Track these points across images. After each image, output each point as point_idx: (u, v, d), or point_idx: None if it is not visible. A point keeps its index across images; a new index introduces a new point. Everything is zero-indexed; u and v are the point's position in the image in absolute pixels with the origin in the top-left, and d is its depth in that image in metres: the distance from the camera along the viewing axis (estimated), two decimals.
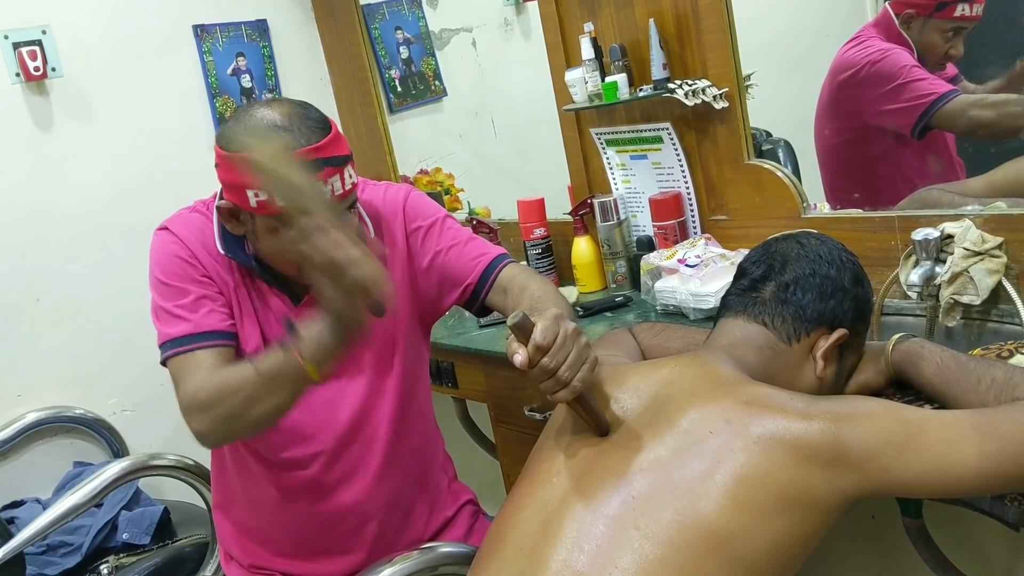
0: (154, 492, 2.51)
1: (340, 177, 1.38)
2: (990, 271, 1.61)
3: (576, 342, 1.15)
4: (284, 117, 1.36)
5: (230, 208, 1.42)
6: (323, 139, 1.36)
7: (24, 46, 2.43)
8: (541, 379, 1.13)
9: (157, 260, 1.49)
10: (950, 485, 1.07)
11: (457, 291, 1.59)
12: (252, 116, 1.38)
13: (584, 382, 1.13)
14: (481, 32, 2.83)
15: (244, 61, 2.86)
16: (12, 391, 2.50)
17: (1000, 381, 1.16)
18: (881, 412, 1.10)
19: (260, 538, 1.62)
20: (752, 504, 1.06)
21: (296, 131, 1.35)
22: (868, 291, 1.31)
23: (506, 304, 1.53)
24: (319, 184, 1.32)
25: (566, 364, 1.12)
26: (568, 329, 1.14)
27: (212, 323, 1.44)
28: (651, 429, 1.15)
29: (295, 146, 1.33)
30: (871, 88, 1.99)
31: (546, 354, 1.11)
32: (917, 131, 1.92)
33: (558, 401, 1.15)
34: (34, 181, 2.50)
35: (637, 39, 2.12)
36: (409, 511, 1.64)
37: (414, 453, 1.64)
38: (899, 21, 1.94)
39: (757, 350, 1.24)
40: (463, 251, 1.59)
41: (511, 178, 2.85)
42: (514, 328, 1.13)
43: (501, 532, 1.18)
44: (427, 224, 1.60)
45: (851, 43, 2.03)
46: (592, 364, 1.15)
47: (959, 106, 1.88)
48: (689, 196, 2.16)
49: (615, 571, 1.03)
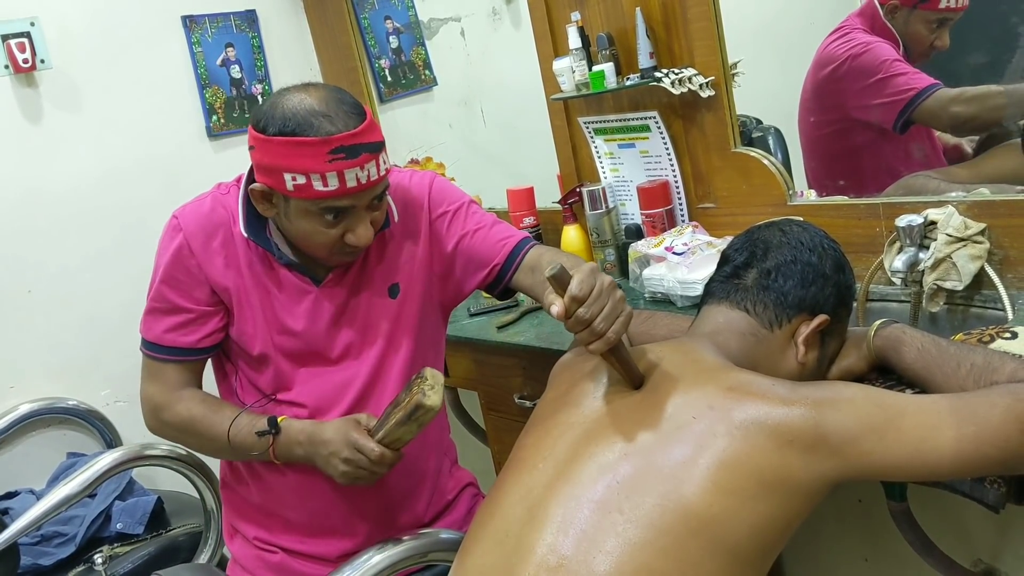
0: (147, 482, 2.52)
1: (376, 163, 1.41)
2: (973, 257, 1.62)
3: (612, 295, 1.17)
4: (321, 102, 1.38)
5: (263, 191, 1.44)
6: (360, 125, 1.39)
7: (13, 38, 2.42)
8: (576, 329, 1.15)
9: (161, 254, 1.55)
10: (930, 468, 1.09)
11: (483, 272, 1.62)
12: (289, 100, 1.39)
13: (618, 334, 1.16)
14: (470, 21, 2.83)
15: (233, 51, 2.86)
16: (5, 383, 2.50)
17: (979, 365, 1.17)
18: (861, 397, 1.11)
19: (265, 512, 1.64)
20: (734, 488, 1.07)
21: (334, 116, 1.37)
22: (849, 278, 1.33)
23: (534, 283, 1.56)
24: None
25: (601, 316, 1.14)
26: (604, 282, 1.17)
27: (182, 340, 1.55)
28: (637, 415, 1.16)
29: (332, 131, 1.36)
30: (853, 82, 1.99)
31: (582, 305, 1.13)
32: (899, 126, 1.93)
33: (593, 352, 1.16)
34: (24, 173, 2.50)
35: (624, 28, 2.12)
36: (409, 493, 1.65)
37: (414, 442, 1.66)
38: (884, 11, 1.94)
39: (740, 336, 1.25)
40: (489, 234, 1.62)
41: (501, 167, 2.86)
42: (552, 279, 1.14)
43: (487, 518, 1.19)
44: (453, 209, 1.63)
45: (834, 35, 2.02)
46: (627, 317, 1.18)
47: (939, 101, 1.88)
48: (676, 184, 2.17)
49: (599, 555, 1.05)
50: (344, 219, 1.43)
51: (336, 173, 1.36)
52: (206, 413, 1.54)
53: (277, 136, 1.37)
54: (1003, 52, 1.79)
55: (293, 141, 1.36)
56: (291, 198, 1.41)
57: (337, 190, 1.38)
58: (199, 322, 1.54)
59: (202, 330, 1.55)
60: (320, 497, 1.59)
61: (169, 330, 1.54)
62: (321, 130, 1.36)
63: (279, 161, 1.37)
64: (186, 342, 1.55)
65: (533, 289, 1.57)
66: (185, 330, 1.54)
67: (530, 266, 1.58)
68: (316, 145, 1.35)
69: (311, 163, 1.36)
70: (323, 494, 1.59)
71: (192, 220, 1.53)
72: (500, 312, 2.20)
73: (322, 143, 1.35)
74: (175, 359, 1.56)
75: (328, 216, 1.41)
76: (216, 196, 1.57)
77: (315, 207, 1.40)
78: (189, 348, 1.55)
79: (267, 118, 1.39)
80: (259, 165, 1.42)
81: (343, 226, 1.44)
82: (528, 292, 1.61)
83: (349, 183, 1.37)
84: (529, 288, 1.59)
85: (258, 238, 1.52)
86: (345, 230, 1.44)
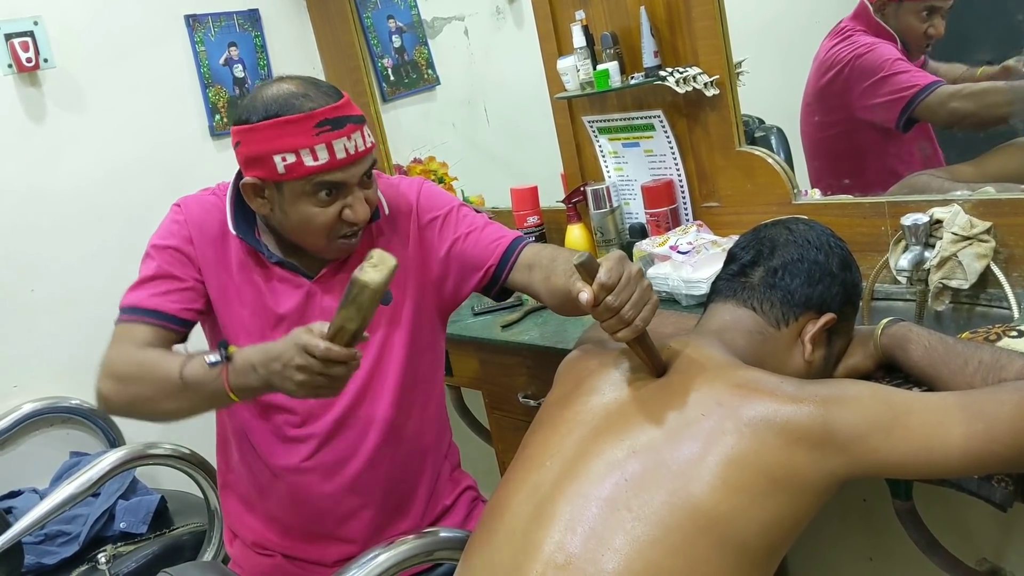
0: (150, 481, 2.52)
1: (361, 134, 1.45)
2: (978, 255, 1.62)
3: (639, 283, 1.17)
4: (299, 86, 1.43)
5: (254, 184, 1.45)
6: (340, 100, 1.44)
7: (16, 37, 2.42)
8: (604, 317, 1.16)
9: (158, 230, 1.57)
10: (937, 466, 1.09)
11: (478, 274, 1.61)
12: (268, 90, 1.44)
13: (646, 321, 1.16)
14: (473, 20, 2.82)
15: (236, 51, 2.86)
16: (8, 382, 2.50)
17: (987, 363, 1.17)
18: (868, 395, 1.11)
19: (262, 516, 1.64)
20: (743, 485, 1.07)
21: (314, 95, 1.42)
22: (856, 276, 1.32)
23: (531, 280, 1.55)
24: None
25: (629, 303, 1.15)
26: (632, 270, 1.17)
27: (164, 304, 1.50)
28: (644, 412, 1.16)
29: (315, 107, 1.40)
30: (857, 82, 1.99)
31: (610, 293, 1.14)
32: (901, 124, 1.93)
33: (620, 340, 1.17)
34: (27, 172, 2.50)
35: (628, 27, 2.12)
36: (406, 498, 1.65)
37: (413, 440, 1.65)
38: (874, 9, 1.95)
39: (747, 334, 1.25)
40: (481, 236, 1.62)
41: (504, 166, 2.86)
42: (579, 267, 1.15)
43: (494, 515, 1.19)
44: (443, 213, 1.63)
45: (835, 39, 2.02)
46: (654, 305, 1.18)
47: (939, 98, 1.88)
48: (681, 183, 2.17)
49: (607, 552, 1.04)
50: (338, 197, 1.45)
51: (325, 145, 1.40)
52: (162, 355, 1.45)
53: (262, 122, 1.40)
54: (1009, 49, 1.79)
55: (279, 121, 1.39)
56: (284, 183, 1.42)
57: (328, 163, 1.40)
58: (185, 293, 1.52)
59: (185, 301, 1.52)
60: (315, 502, 1.59)
61: (154, 295, 1.51)
62: (304, 107, 1.40)
63: (267, 145, 1.40)
64: (168, 307, 1.50)
65: (531, 287, 1.57)
66: (170, 297, 1.51)
67: (526, 264, 1.57)
68: (301, 121, 1.39)
69: (299, 139, 1.39)
70: (318, 499, 1.58)
71: (194, 210, 1.56)
72: (504, 311, 2.20)
73: (307, 118, 1.39)
74: (150, 321, 1.49)
75: (323, 194, 1.43)
76: (216, 192, 1.59)
77: (308, 185, 1.42)
78: (169, 314, 1.50)
79: (248, 110, 1.43)
80: (247, 158, 1.44)
81: (339, 204, 1.45)
82: (525, 290, 1.60)
83: (339, 154, 1.41)
84: (526, 286, 1.58)
85: (247, 237, 1.53)
86: (342, 207, 1.46)
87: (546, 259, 1.54)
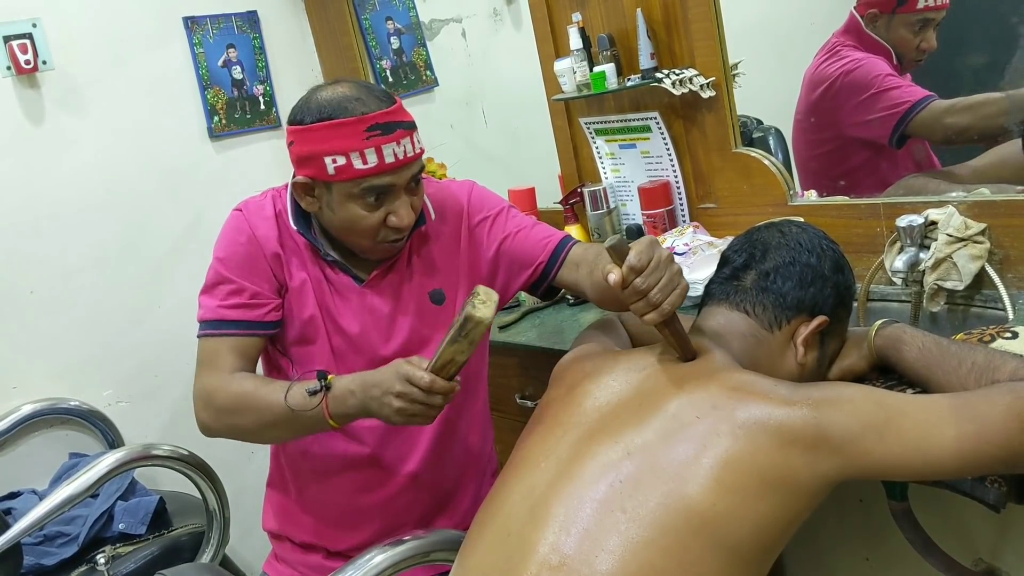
0: (149, 482, 2.52)
1: (411, 140, 1.47)
2: (973, 257, 1.63)
3: (669, 267, 1.19)
4: (353, 90, 1.47)
5: (305, 183, 1.48)
6: (392, 106, 1.47)
7: (15, 39, 2.42)
8: (633, 300, 1.18)
9: (222, 239, 1.58)
10: (930, 467, 1.09)
11: (527, 272, 1.64)
12: (323, 92, 1.47)
13: (674, 306, 1.18)
14: (471, 22, 2.83)
15: (235, 52, 2.86)
16: (8, 383, 2.50)
17: (980, 364, 1.18)
18: (862, 397, 1.12)
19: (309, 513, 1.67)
20: (737, 487, 1.07)
21: (367, 99, 1.45)
22: (849, 278, 1.33)
23: (578, 278, 1.57)
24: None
25: (658, 287, 1.17)
26: (662, 255, 1.19)
27: (247, 314, 1.53)
28: (639, 414, 1.17)
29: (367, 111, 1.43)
30: (847, 99, 1.97)
31: (639, 275, 1.15)
32: (894, 140, 1.91)
33: (648, 323, 1.18)
34: (26, 174, 2.50)
35: (625, 29, 2.13)
36: (451, 494, 1.69)
37: (463, 436, 1.68)
38: (865, 22, 1.93)
39: (740, 337, 1.26)
40: (530, 234, 1.64)
41: (502, 167, 2.86)
42: (610, 250, 1.17)
43: (489, 516, 1.20)
44: (493, 214, 1.66)
45: (824, 55, 2.01)
46: (683, 290, 1.20)
47: (933, 113, 1.86)
48: (677, 184, 2.18)
49: (601, 553, 1.05)
50: (385, 202, 1.47)
51: (374, 149, 1.42)
52: (259, 385, 1.49)
53: (315, 124, 1.43)
54: (1003, 53, 1.79)
55: (331, 124, 1.42)
56: (333, 183, 1.45)
57: (376, 167, 1.43)
58: (261, 299, 1.54)
59: (263, 308, 1.54)
60: (372, 497, 1.62)
61: (229, 306, 1.53)
62: (356, 111, 1.43)
63: (318, 146, 1.43)
64: (247, 316, 1.53)
65: (578, 284, 1.59)
66: (246, 307, 1.54)
67: (575, 262, 1.60)
68: (353, 124, 1.42)
69: (349, 142, 1.42)
70: (376, 494, 1.62)
71: (254, 211, 1.58)
72: (502, 312, 2.20)
73: (358, 122, 1.42)
74: (233, 333, 1.53)
75: (370, 198, 1.46)
76: (273, 195, 1.62)
77: (357, 188, 1.44)
78: (249, 321, 1.54)
79: (303, 111, 1.47)
80: (299, 157, 1.47)
81: (385, 209, 1.48)
82: (572, 287, 1.63)
83: (387, 159, 1.43)
84: (574, 283, 1.60)
85: (306, 234, 1.56)
86: (387, 213, 1.48)
87: (591, 256, 1.56)
